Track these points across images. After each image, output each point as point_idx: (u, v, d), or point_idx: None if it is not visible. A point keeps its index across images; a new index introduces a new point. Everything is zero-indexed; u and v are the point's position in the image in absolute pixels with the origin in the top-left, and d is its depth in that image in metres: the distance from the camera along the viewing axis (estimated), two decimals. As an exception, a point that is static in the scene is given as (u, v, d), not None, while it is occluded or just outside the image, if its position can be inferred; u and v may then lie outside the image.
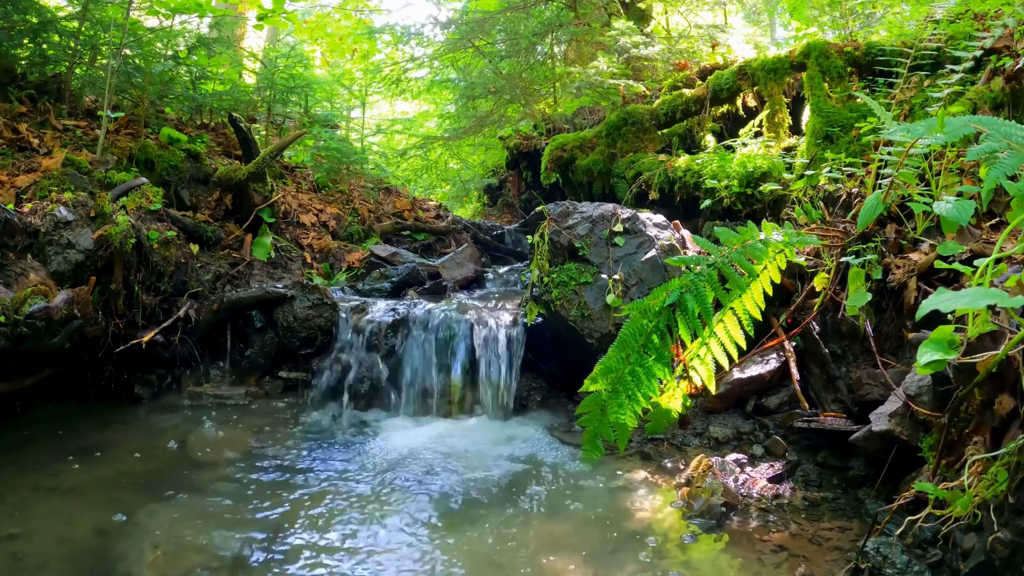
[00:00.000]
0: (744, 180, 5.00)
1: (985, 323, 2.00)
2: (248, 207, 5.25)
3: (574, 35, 10.18)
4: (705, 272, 2.26)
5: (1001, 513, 1.84)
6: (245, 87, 7.05)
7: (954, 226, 2.26)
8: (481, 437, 3.78)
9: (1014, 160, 1.79)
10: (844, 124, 4.68)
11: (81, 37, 5.23)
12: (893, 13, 6.82)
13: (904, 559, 2.11)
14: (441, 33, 11.09)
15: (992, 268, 1.85)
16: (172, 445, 3.52)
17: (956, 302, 1.59)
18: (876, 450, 2.70)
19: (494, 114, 11.43)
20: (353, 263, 5.82)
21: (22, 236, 3.71)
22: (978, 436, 2.13)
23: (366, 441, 3.70)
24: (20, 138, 4.64)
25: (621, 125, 6.74)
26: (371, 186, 7.56)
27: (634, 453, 3.42)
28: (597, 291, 4.05)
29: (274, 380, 4.40)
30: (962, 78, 3.86)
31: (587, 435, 2.26)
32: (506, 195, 10.13)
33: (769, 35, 11.90)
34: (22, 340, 3.37)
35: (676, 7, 10.06)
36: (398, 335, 4.34)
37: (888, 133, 2.56)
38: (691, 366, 2.45)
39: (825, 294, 3.31)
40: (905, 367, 2.85)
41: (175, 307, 4.28)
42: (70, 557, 2.47)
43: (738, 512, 2.78)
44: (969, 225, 2.82)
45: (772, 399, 3.50)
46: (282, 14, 6.69)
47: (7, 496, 2.88)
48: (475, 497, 3.02)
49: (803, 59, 5.35)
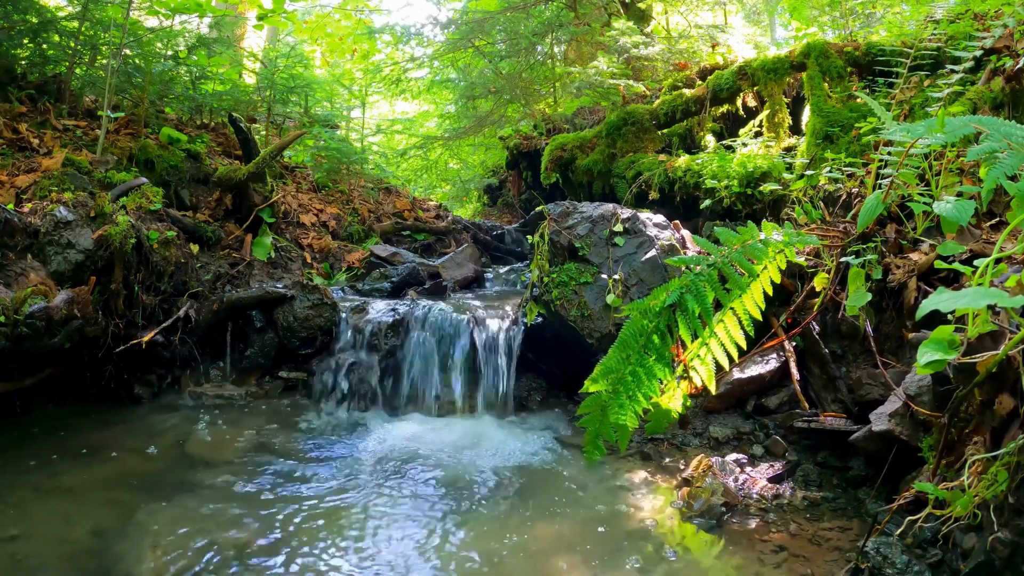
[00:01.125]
0: (744, 180, 5.00)
1: (985, 323, 2.00)
2: (248, 207, 5.25)
3: (574, 35, 10.18)
4: (705, 272, 2.26)
5: (1001, 513, 1.84)
6: (245, 87, 7.05)
7: (954, 226, 2.26)
8: (481, 437, 3.78)
9: (1014, 160, 1.79)
10: (844, 124, 4.68)
11: (81, 37, 5.23)
12: (893, 13, 6.82)
13: (904, 559, 2.12)
14: (441, 33, 11.10)
15: (992, 268, 1.85)
16: (172, 445, 3.52)
17: (956, 302, 1.59)
18: (876, 450, 2.71)
19: (494, 114, 11.43)
20: (353, 263, 5.82)
21: (22, 236, 3.71)
22: (978, 436, 2.13)
23: (366, 441, 3.70)
24: (20, 138, 4.64)
25: (621, 125, 6.74)
26: (371, 186, 7.56)
27: (634, 453, 3.42)
28: (597, 291, 4.05)
29: (274, 380, 4.40)
30: (962, 78, 3.86)
31: (588, 435, 2.26)
32: (506, 195, 10.14)
33: (769, 35, 11.90)
34: (22, 340, 3.37)
35: (676, 7, 10.05)
36: (398, 335, 4.34)
37: (888, 133, 2.56)
38: (691, 366, 2.45)
39: (825, 294, 3.31)
40: (905, 367, 2.85)
41: (175, 307, 4.28)
42: (70, 557, 2.47)
43: (738, 512, 2.78)
44: (969, 225, 2.82)
45: (772, 399, 3.50)
46: (282, 14, 6.70)
47: (7, 496, 2.88)
48: (475, 497, 3.02)
49: (803, 59, 5.36)
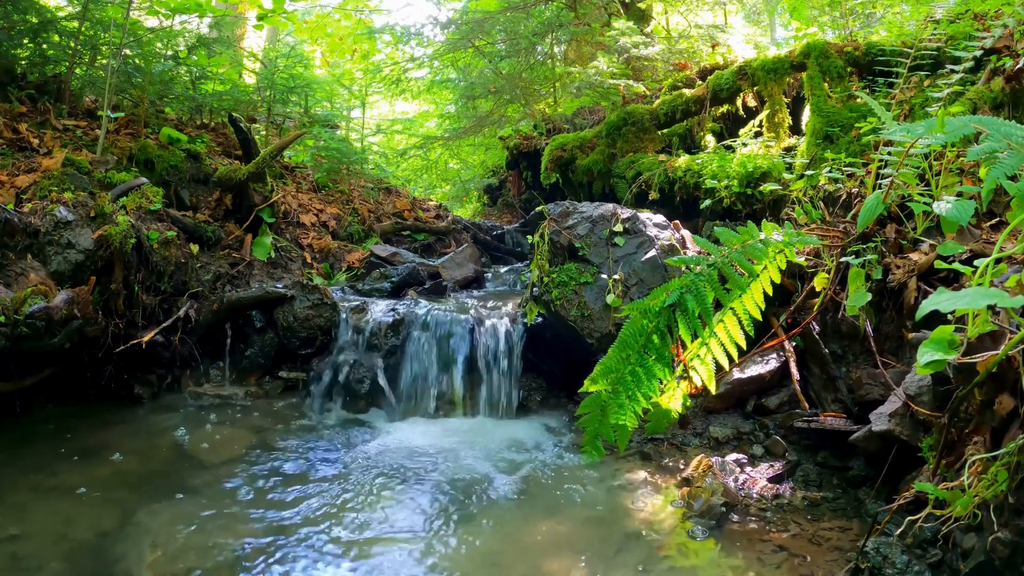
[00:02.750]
0: (744, 180, 5.00)
1: (985, 323, 2.00)
2: (248, 207, 5.25)
3: (574, 35, 10.18)
4: (705, 272, 2.26)
5: (1001, 513, 1.84)
6: (245, 87, 7.05)
7: (954, 226, 2.26)
8: (481, 437, 3.78)
9: (1014, 160, 1.79)
10: (844, 124, 4.68)
11: (81, 37, 5.23)
12: (893, 13, 6.83)
13: (904, 559, 2.11)
14: (441, 33, 11.10)
15: (992, 268, 1.85)
16: (172, 445, 3.52)
17: (956, 302, 1.59)
18: (876, 450, 2.71)
19: (494, 114, 11.43)
20: (353, 263, 5.82)
21: (22, 236, 3.71)
22: (978, 436, 2.13)
23: (366, 441, 3.70)
24: (20, 138, 4.64)
25: (621, 125, 6.74)
26: (371, 186, 7.56)
27: (634, 453, 3.42)
28: (597, 291, 4.05)
29: (274, 380, 4.40)
30: (962, 78, 3.86)
31: (587, 435, 2.26)
32: (506, 195, 10.13)
33: (769, 35, 11.90)
34: (22, 340, 3.37)
35: (676, 7, 10.06)
36: (398, 335, 4.34)
37: (888, 133, 2.55)
38: (691, 366, 2.45)
39: (825, 294, 3.31)
40: (905, 367, 2.85)
41: (175, 307, 4.28)
42: (70, 557, 2.47)
43: (738, 512, 2.78)
44: (969, 225, 2.82)
45: (772, 399, 3.50)
46: (282, 14, 6.70)
47: (7, 496, 2.88)
48: (475, 497, 3.02)
49: (803, 59, 5.36)
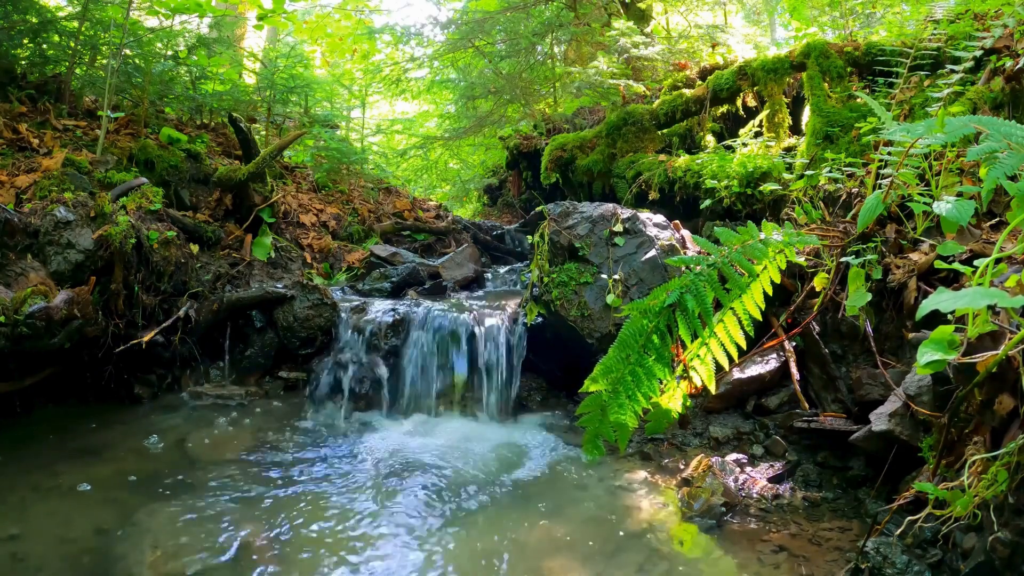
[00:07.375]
0: (744, 180, 4.99)
1: (985, 323, 2.00)
2: (248, 207, 5.25)
3: (574, 35, 10.18)
4: (705, 272, 2.26)
5: (1001, 513, 1.84)
6: (245, 87, 7.05)
7: (954, 226, 2.26)
8: (481, 437, 3.78)
9: (1014, 160, 1.79)
10: (844, 124, 4.68)
11: (81, 37, 5.23)
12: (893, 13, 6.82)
13: (904, 559, 2.11)
14: (441, 33, 11.10)
15: (992, 268, 1.85)
16: (172, 445, 3.52)
17: (956, 302, 1.59)
18: (876, 450, 2.71)
19: (494, 114, 11.43)
20: (353, 263, 5.82)
21: (22, 236, 3.71)
22: (978, 436, 2.13)
23: (366, 441, 3.70)
24: (20, 138, 4.64)
25: (621, 125, 6.74)
26: (371, 186, 7.56)
27: (634, 453, 3.42)
28: (597, 291, 4.05)
29: (274, 380, 4.40)
30: (962, 78, 3.86)
31: (587, 435, 2.26)
32: (506, 195, 10.13)
33: (769, 35, 11.89)
34: (22, 340, 3.37)
35: (676, 7, 10.06)
36: (398, 335, 4.34)
37: (888, 133, 2.55)
38: (691, 366, 2.45)
39: (825, 294, 3.31)
40: (905, 367, 2.84)
41: (175, 307, 4.28)
42: (70, 557, 2.47)
43: (738, 512, 2.78)
44: (969, 225, 2.82)
45: (772, 399, 3.50)
46: (282, 14, 6.70)
47: (7, 496, 2.88)
48: (475, 497, 3.02)
49: (803, 59, 5.35)
